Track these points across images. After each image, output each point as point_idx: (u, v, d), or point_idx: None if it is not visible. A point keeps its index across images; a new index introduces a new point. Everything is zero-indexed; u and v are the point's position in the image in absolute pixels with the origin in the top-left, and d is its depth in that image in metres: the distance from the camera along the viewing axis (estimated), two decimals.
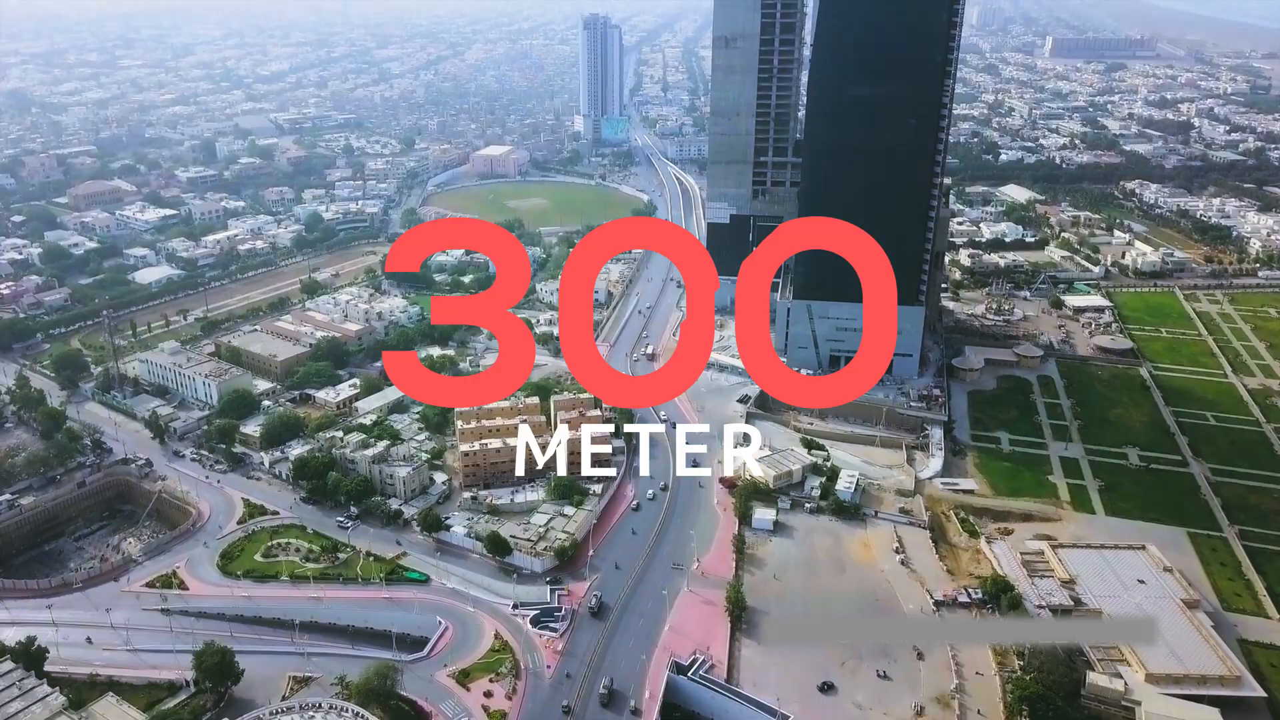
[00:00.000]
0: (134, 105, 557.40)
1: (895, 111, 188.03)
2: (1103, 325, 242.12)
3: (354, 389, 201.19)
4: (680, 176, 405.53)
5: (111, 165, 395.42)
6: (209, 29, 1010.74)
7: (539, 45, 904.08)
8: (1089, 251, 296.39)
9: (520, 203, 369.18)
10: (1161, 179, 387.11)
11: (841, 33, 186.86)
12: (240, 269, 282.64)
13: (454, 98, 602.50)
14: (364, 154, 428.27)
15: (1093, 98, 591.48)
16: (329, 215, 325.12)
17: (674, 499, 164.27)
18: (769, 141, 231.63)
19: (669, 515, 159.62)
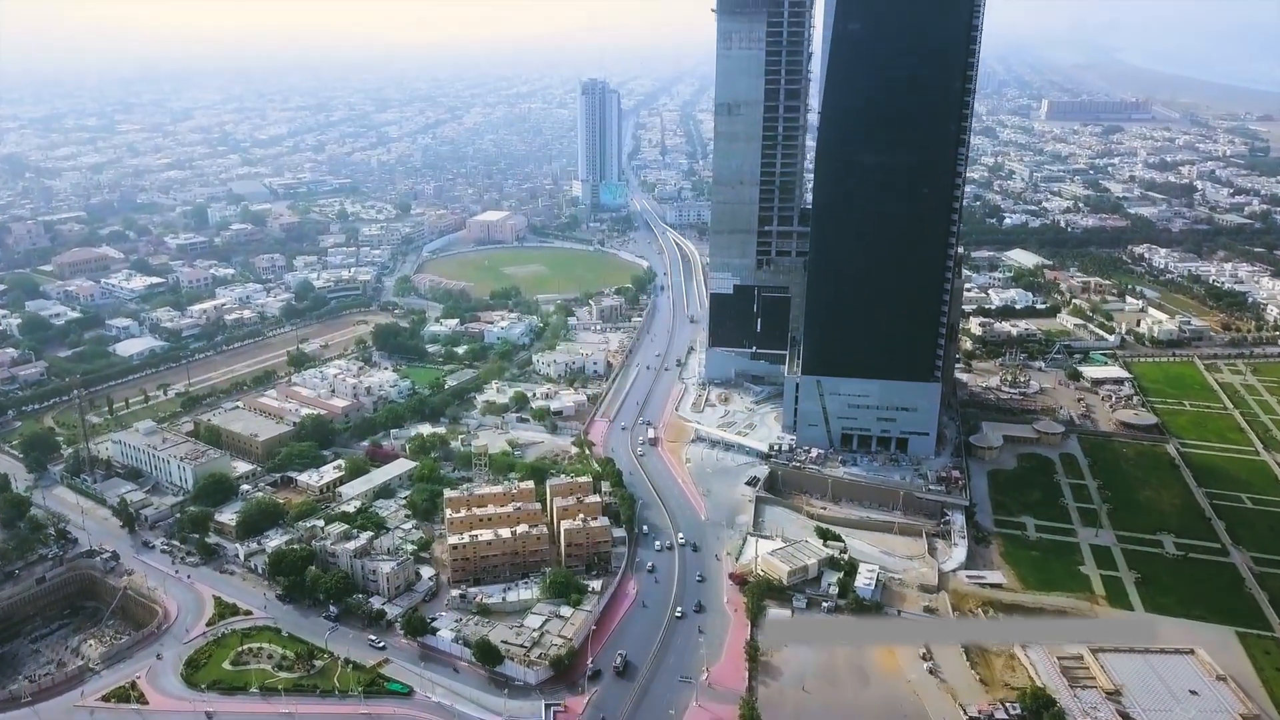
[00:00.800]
0: (128, 170, 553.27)
1: (907, 180, 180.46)
2: (1124, 398, 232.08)
3: (338, 471, 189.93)
4: (680, 242, 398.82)
5: (100, 231, 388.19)
6: (209, 93, 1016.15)
7: (537, 109, 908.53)
8: (1102, 319, 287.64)
9: (517, 269, 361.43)
10: (1169, 243, 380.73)
11: (850, 99, 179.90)
12: (226, 340, 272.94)
13: (451, 162, 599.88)
14: (359, 219, 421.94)
15: (1092, 160, 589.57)
16: (320, 283, 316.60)
17: (680, 597, 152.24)
18: (774, 210, 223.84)
19: (674, 615, 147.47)
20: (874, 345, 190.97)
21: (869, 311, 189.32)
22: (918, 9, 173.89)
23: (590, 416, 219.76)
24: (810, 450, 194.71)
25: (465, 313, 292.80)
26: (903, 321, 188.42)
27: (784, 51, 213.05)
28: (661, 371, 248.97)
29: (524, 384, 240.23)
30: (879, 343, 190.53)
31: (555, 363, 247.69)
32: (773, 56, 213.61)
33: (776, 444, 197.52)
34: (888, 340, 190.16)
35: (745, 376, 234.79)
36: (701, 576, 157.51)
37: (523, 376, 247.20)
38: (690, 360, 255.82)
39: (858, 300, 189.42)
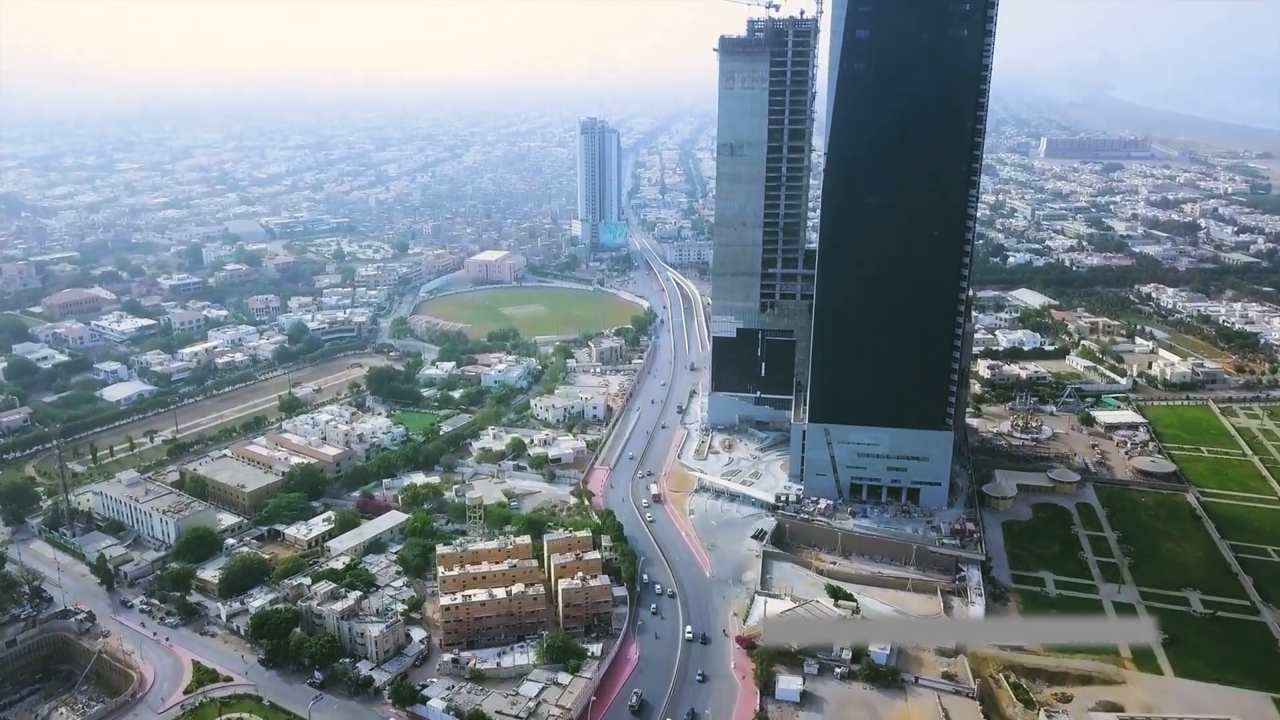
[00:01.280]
0: (125, 209, 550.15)
1: (916, 223, 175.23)
2: (1139, 444, 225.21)
3: (327, 524, 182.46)
4: (680, 281, 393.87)
5: (93, 272, 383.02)
6: (209, 132, 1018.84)
7: (536, 147, 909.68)
8: (1113, 361, 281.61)
9: (516, 310, 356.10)
10: (1176, 282, 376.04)
11: (856, 140, 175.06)
12: (217, 384, 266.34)
13: (450, 200, 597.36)
14: (355, 259, 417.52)
15: (1094, 198, 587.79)
16: (314, 325, 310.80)
17: (686, 662, 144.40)
18: (778, 253, 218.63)
19: (680, 682, 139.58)
20: (883, 392, 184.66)
21: (878, 357, 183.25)
22: (926, 48, 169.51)
23: (590, 464, 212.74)
24: (818, 501, 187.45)
25: (462, 355, 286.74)
26: (913, 368, 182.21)
27: (788, 91, 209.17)
28: (663, 416, 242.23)
29: (521, 429, 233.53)
30: (889, 389, 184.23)
31: (554, 407, 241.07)
32: (776, 96, 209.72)
33: (783, 494, 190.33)
34: (898, 387, 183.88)
35: (749, 422, 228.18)
36: (705, 637, 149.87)
37: (520, 421, 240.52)
38: (692, 404, 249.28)
39: (866, 345, 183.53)
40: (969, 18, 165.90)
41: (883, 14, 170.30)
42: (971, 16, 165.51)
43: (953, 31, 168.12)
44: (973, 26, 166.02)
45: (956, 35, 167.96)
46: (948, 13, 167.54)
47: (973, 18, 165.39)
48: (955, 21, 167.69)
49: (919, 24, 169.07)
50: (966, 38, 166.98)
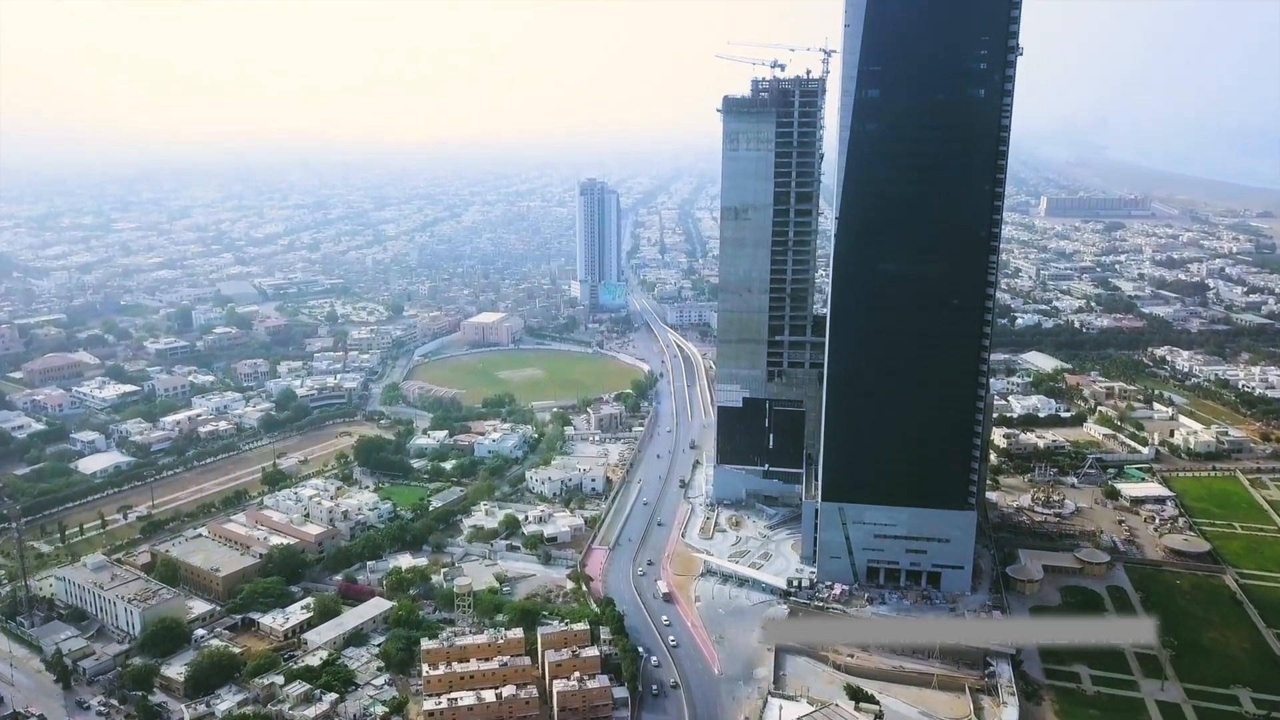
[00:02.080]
0: (118, 269, 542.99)
1: (934, 290, 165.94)
2: (1168, 520, 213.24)
3: (306, 612, 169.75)
4: (681, 343, 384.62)
5: (78, 335, 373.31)
6: (209, 191, 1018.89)
7: (536, 207, 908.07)
8: (1133, 429, 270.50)
9: (512, 374, 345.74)
10: (1189, 344, 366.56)
11: (869, 204, 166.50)
12: (198, 454, 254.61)
13: (448, 261, 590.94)
14: (349, 321, 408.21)
15: (1098, 257, 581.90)
16: (303, 391, 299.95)
17: None
18: (785, 319, 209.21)
19: None
20: (901, 469, 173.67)
21: (894, 432, 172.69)
22: (941, 108, 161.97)
23: (588, 544, 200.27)
24: (833, 586, 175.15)
25: (455, 423, 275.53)
26: (932, 443, 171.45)
27: (794, 153, 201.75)
28: (665, 490, 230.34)
29: (516, 504, 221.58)
30: (907, 466, 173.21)
31: (550, 480, 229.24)
32: (782, 158, 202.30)
33: (795, 578, 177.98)
34: (916, 463, 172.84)
35: (757, 497, 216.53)
36: None
37: (514, 495, 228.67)
38: (696, 476, 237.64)
39: (882, 419, 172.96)
40: (986, 78, 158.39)
41: (894, 74, 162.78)
42: (989, 76, 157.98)
43: (969, 91, 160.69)
44: (990, 86, 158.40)
45: (973, 95, 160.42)
46: (963, 73, 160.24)
47: (990, 77, 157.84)
48: (971, 81, 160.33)
49: (933, 84, 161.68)
50: (983, 98, 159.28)
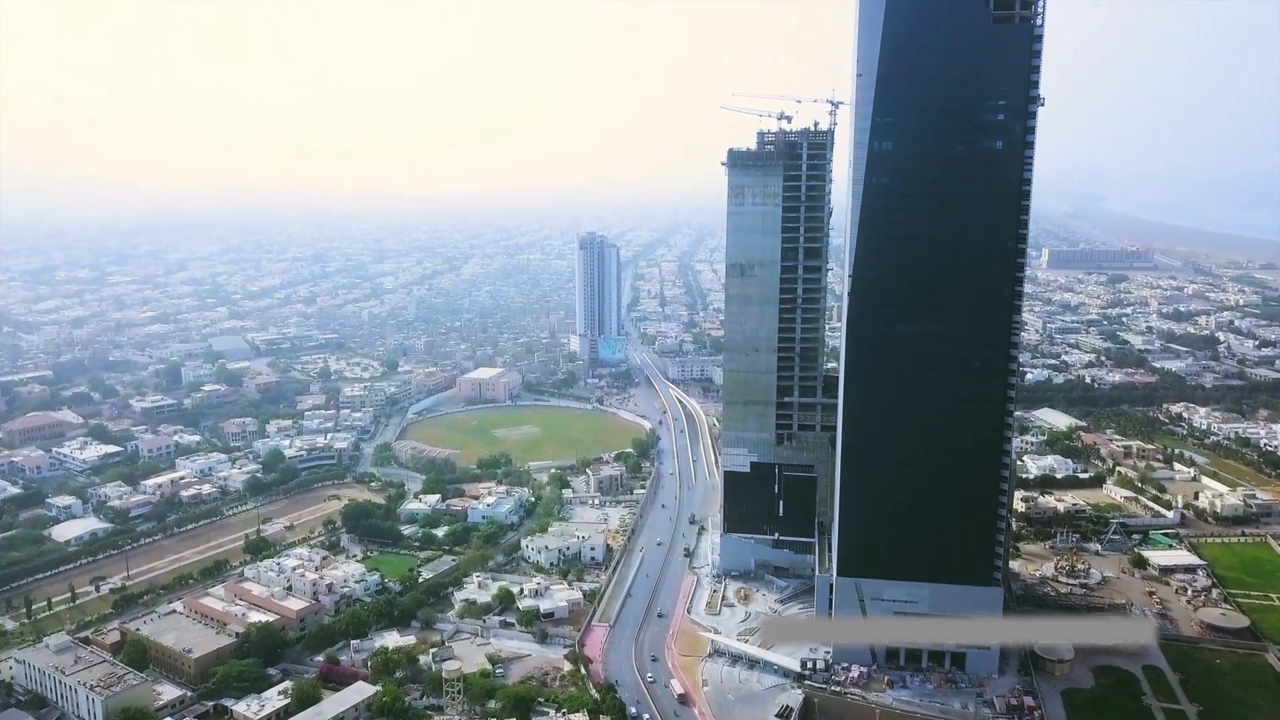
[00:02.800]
0: (110, 324, 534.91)
1: (954, 352, 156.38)
2: (1201, 591, 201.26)
3: (283, 698, 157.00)
4: (683, 399, 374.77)
5: (63, 393, 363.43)
6: (207, 244, 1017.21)
7: (536, 260, 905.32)
8: (1155, 490, 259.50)
9: (509, 432, 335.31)
10: (1205, 400, 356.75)
11: (884, 261, 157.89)
12: (179, 520, 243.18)
13: (446, 314, 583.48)
14: (342, 378, 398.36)
15: (1104, 310, 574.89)
16: (292, 452, 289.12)
17: None
18: (794, 380, 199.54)
19: None
20: (921, 542, 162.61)
21: (914, 501, 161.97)
22: (958, 161, 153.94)
23: (587, 620, 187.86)
24: (850, 668, 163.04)
25: (448, 485, 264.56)
26: (955, 514, 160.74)
27: (802, 207, 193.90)
28: (668, 560, 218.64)
29: (510, 575, 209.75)
30: (927, 539, 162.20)
31: (547, 549, 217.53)
32: (790, 213, 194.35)
33: (810, 659, 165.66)
34: (937, 536, 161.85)
35: (767, 568, 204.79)
36: None
37: (509, 565, 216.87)
38: (701, 544, 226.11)
39: (900, 489, 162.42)
40: (1005, 129, 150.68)
41: (908, 125, 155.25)
42: (1008, 128, 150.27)
43: (988, 143, 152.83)
44: (1010, 138, 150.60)
45: (992, 148, 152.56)
46: (981, 124, 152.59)
47: (1010, 129, 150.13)
48: (989, 133, 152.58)
49: (950, 136, 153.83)
50: (1003, 150, 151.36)
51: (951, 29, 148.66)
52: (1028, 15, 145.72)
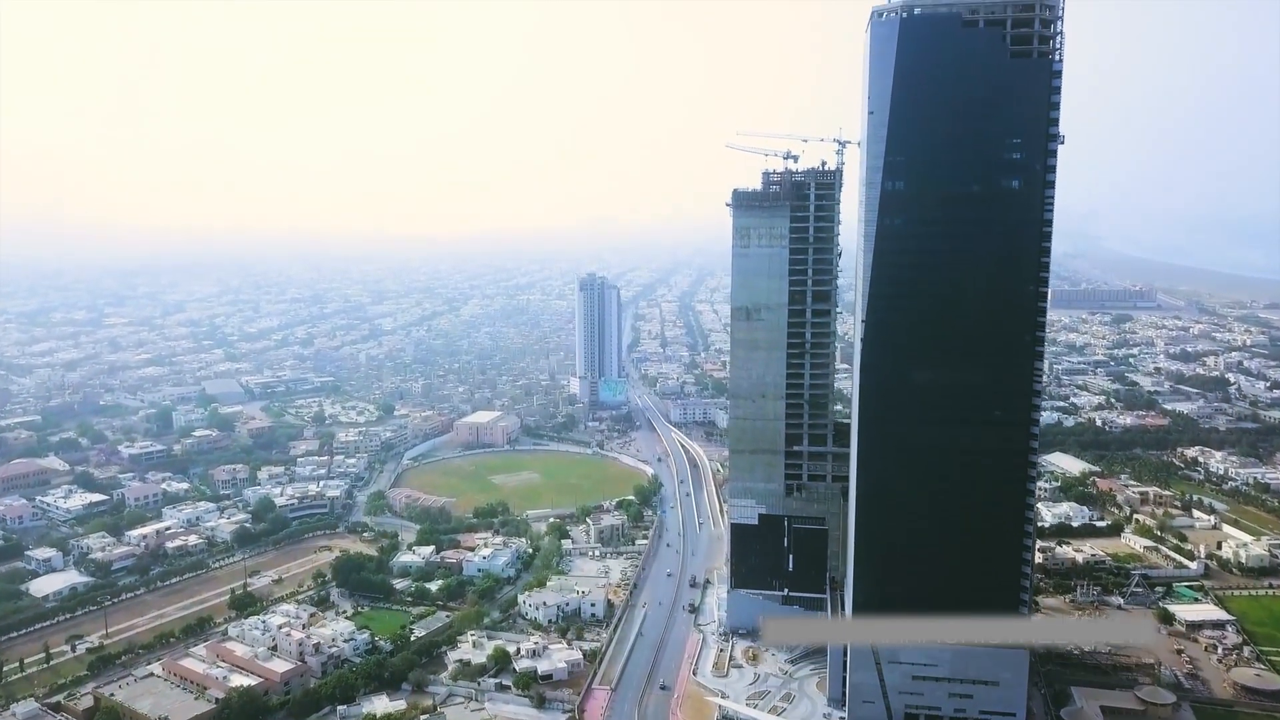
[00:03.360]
0: (104, 367, 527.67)
1: (974, 401, 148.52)
2: (1232, 649, 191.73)
3: None
4: (685, 443, 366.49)
5: (51, 439, 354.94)
6: (206, 285, 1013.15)
7: (536, 300, 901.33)
8: (1176, 540, 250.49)
9: (507, 478, 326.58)
10: (1220, 444, 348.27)
11: (899, 306, 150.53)
12: (164, 574, 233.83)
13: (444, 356, 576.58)
14: (336, 422, 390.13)
15: (1110, 351, 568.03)
16: (283, 500, 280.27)
17: None
18: (803, 428, 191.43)
19: None
20: (942, 604, 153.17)
21: (934, 559, 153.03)
22: (974, 201, 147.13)
23: (587, 683, 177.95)
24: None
25: (443, 536, 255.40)
26: (977, 574, 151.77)
27: (810, 249, 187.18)
28: (673, 617, 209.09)
29: (507, 633, 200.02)
30: (949, 600, 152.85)
31: (545, 605, 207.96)
32: (798, 255, 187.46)
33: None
34: (959, 597, 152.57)
35: None
36: None
37: (505, 622, 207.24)
38: (707, 599, 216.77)
39: (917, 544, 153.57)
40: (1024, 167, 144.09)
41: (922, 164, 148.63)
42: (1027, 166, 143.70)
43: (1005, 183, 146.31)
44: (1030, 177, 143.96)
45: (1010, 187, 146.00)
46: (998, 162, 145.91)
47: (1029, 167, 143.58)
48: (1007, 171, 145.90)
49: (965, 175, 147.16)
50: (1022, 189, 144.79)
51: (967, 64, 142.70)
52: (1046, 50, 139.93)
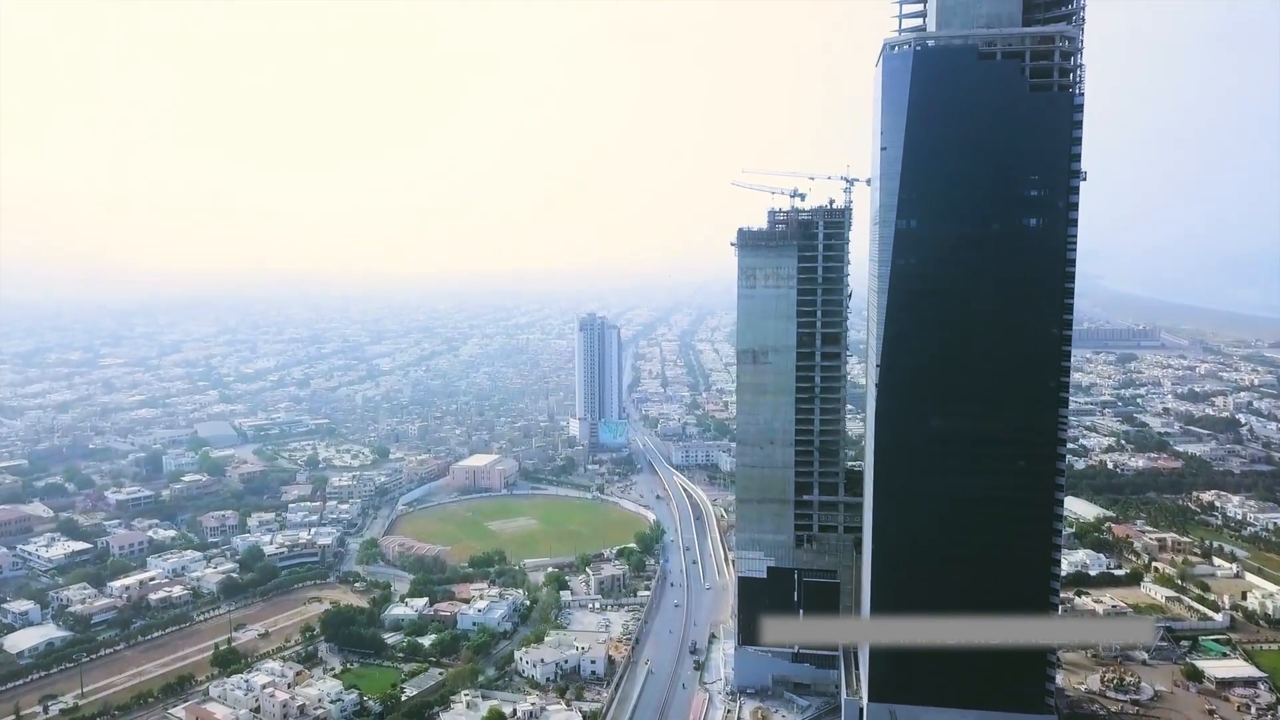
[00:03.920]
0: (96, 408, 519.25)
1: (996, 452, 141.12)
2: (1265, 709, 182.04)
3: None
4: (688, 487, 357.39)
5: (37, 484, 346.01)
6: (204, 325, 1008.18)
7: (535, 340, 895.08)
8: (1198, 590, 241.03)
9: (504, 524, 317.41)
10: (1236, 487, 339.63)
11: (916, 349, 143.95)
12: (145, 627, 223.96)
13: (442, 397, 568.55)
14: (330, 466, 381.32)
15: (1117, 391, 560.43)
16: (272, 549, 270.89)
17: None
18: (813, 476, 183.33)
19: None
20: (964, 663, 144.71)
21: (955, 619, 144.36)
22: (993, 239, 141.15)
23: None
24: None
25: (437, 587, 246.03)
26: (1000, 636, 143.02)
27: (819, 290, 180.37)
28: (677, 675, 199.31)
29: (502, 693, 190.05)
30: (970, 659, 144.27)
31: (543, 662, 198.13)
32: (806, 296, 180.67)
33: None
34: (982, 656, 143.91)
35: (786, 684, 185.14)
36: None
37: (502, 680, 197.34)
38: (713, 654, 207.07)
39: (938, 603, 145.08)
40: (1045, 205, 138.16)
41: (937, 202, 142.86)
42: (1049, 203, 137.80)
43: (1025, 221, 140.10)
44: (1050, 215, 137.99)
45: (1031, 225, 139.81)
46: (1018, 199, 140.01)
47: (1050, 205, 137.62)
48: (1026, 209, 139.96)
49: (984, 213, 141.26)
50: (1044, 228, 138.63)
51: (984, 98, 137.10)
52: (1066, 83, 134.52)
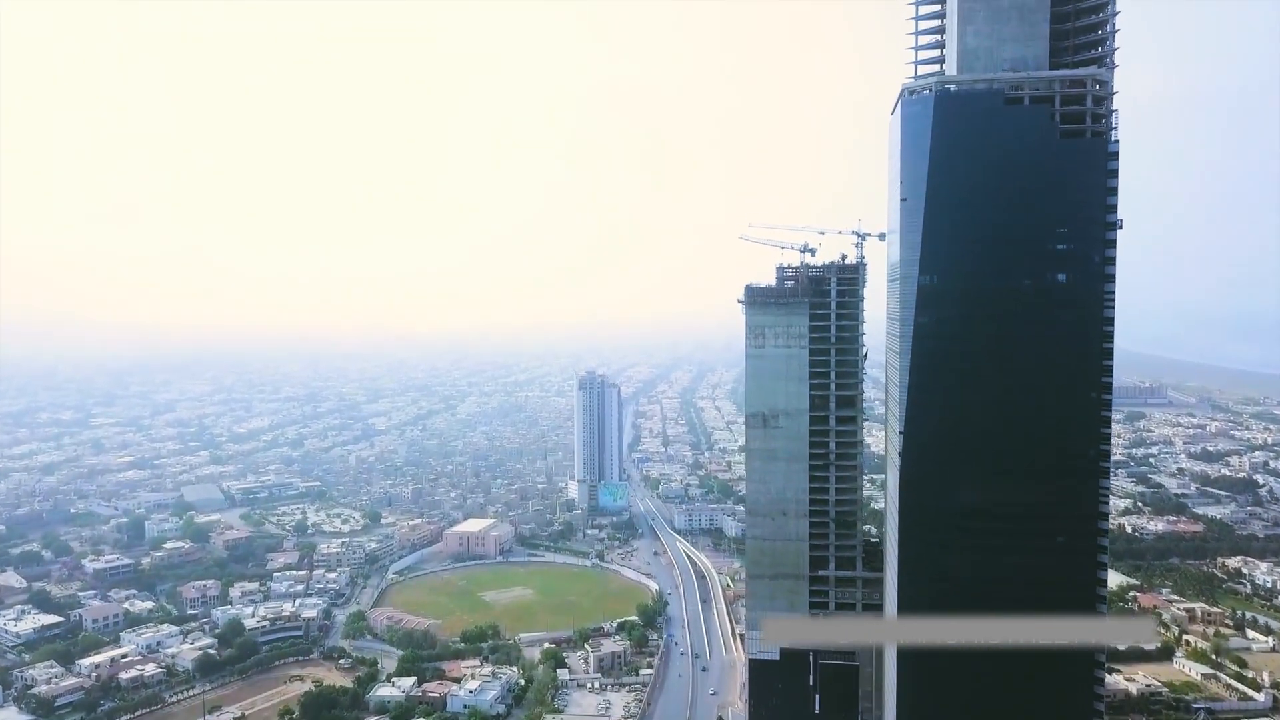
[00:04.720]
0: (83, 470, 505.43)
1: (1033, 525, 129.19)
2: None
3: None
4: (691, 554, 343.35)
5: (12, 551, 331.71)
6: (199, 384, 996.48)
7: (534, 398, 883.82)
8: (1235, 666, 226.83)
9: (499, 595, 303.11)
10: (1262, 553, 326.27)
11: (942, 418, 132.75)
12: (113, 711, 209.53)
13: (437, 457, 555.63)
14: (319, 531, 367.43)
15: (1128, 450, 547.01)
16: (253, 622, 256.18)
17: None
18: (829, 550, 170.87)
19: None
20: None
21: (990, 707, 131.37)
22: (1022, 299, 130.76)
23: None
24: None
25: (427, 664, 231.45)
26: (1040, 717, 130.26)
27: (833, 350, 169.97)
28: None
29: None
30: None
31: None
32: (819, 356, 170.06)
33: None
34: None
35: None
36: None
37: None
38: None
39: (970, 692, 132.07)
40: (1080, 259, 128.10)
41: (963, 256, 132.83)
42: (1083, 257, 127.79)
43: (1058, 276, 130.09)
44: (1085, 270, 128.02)
45: (1062, 281, 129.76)
46: (1050, 253, 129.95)
47: (1086, 258, 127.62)
48: (1059, 263, 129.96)
49: (1012, 267, 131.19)
50: (1077, 283, 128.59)
51: (1011, 145, 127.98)
52: (1100, 130, 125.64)
